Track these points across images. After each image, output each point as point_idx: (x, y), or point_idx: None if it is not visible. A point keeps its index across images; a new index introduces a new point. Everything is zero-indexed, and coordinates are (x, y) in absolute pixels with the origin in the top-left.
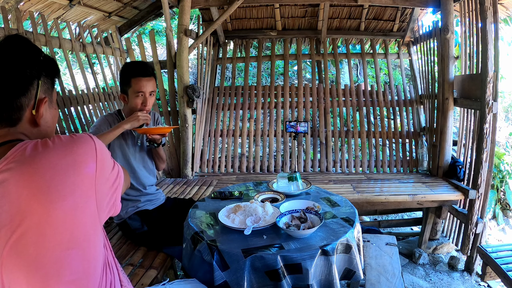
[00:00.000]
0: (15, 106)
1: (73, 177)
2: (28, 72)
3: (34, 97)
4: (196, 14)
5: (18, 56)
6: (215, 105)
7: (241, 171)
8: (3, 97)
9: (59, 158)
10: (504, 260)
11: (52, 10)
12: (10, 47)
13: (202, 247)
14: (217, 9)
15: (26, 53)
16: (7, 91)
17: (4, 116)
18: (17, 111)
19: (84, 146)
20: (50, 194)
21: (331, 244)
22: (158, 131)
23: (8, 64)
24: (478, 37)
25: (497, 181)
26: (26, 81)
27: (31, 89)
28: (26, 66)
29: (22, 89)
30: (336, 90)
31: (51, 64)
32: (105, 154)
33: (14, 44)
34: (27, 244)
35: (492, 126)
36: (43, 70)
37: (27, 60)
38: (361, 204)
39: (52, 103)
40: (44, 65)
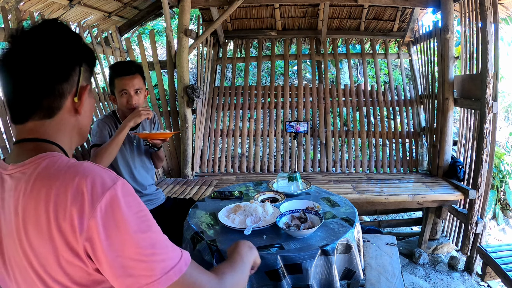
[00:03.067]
0: (57, 92)
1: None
2: (71, 57)
3: (76, 84)
4: (196, 14)
5: (59, 40)
6: (215, 105)
7: (241, 171)
8: (44, 82)
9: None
10: (504, 260)
11: (52, 10)
12: (50, 30)
13: (202, 247)
14: (217, 9)
15: (67, 37)
16: (48, 76)
17: (44, 105)
18: (58, 99)
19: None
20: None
21: (331, 244)
22: (159, 136)
23: (49, 47)
24: (478, 37)
25: (497, 181)
26: (68, 67)
27: (73, 75)
28: (68, 50)
29: (64, 74)
30: (336, 90)
31: (90, 52)
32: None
33: (54, 27)
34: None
35: (492, 126)
36: (84, 56)
37: (69, 44)
38: (361, 204)
39: (91, 92)
40: (84, 51)
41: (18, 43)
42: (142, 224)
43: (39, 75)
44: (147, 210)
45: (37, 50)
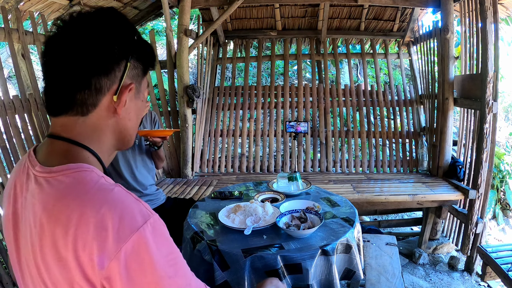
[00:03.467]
0: (94, 87)
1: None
2: (117, 49)
3: (119, 81)
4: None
5: (107, 28)
6: (215, 105)
7: (241, 171)
8: (78, 73)
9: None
10: (504, 260)
11: (52, 10)
12: (100, 17)
13: (201, 246)
14: (217, 9)
15: (117, 27)
16: (85, 67)
17: (78, 99)
18: (95, 94)
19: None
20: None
21: (331, 244)
22: (159, 134)
23: (93, 36)
24: (478, 37)
25: (497, 181)
26: (111, 59)
27: (116, 70)
28: (114, 41)
29: (106, 67)
30: (336, 90)
31: (145, 48)
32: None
33: (106, 15)
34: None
35: (492, 126)
36: (134, 52)
37: (117, 35)
38: (361, 204)
39: (140, 94)
40: (137, 46)
41: (63, 27)
42: (169, 268)
43: (75, 65)
44: (177, 251)
45: (79, 37)
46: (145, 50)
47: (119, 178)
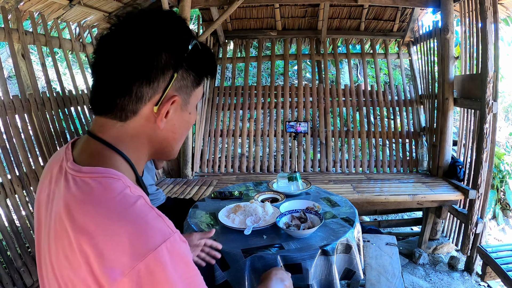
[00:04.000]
0: (135, 94)
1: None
2: (164, 57)
3: (162, 91)
4: (196, 14)
5: (158, 33)
6: (215, 105)
7: (241, 171)
8: (122, 79)
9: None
10: (504, 260)
11: (52, 10)
12: (154, 21)
13: None
14: (217, 9)
15: (169, 33)
16: (129, 73)
17: (118, 104)
18: (136, 102)
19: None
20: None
21: (331, 244)
22: None
23: (142, 40)
24: (478, 37)
25: (497, 181)
26: (156, 68)
27: (160, 80)
28: (163, 49)
29: (149, 76)
30: (336, 90)
31: (202, 58)
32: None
33: (161, 18)
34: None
35: (492, 126)
36: (186, 61)
37: (168, 42)
38: (361, 204)
39: (188, 106)
40: (190, 56)
41: (116, 26)
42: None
43: (118, 69)
44: (194, 269)
45: (127, 39)
46: (201, 60)
47: None
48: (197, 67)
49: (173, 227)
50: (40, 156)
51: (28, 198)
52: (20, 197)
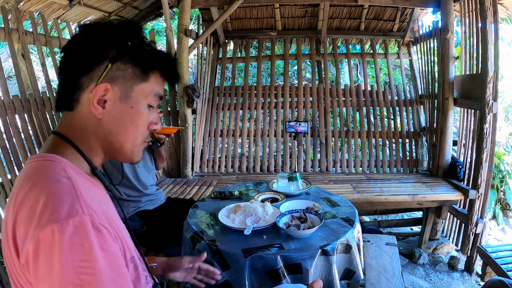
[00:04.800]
0: (77, 84)
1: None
2: (99, 49)
3: (97, 80)
4: (196, 14)
5: (97, 32)
6: (215, 105)
7: (241, 171)
8: (68, 72)
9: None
10: (504, 260)
11: (52, 10)
12: (98, 25)
13: (201, 246)
14: (217, 9)
15: (107, 31)
16: (72, 66)
17: (65, 94)
18: (77, 90)
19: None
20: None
21: (331, 244)
22: (164, 131)
23: (85, 38)
24: (478, 37)
25: (497, 181)
26: (93, 60)
27: (96, 70)
28: (99, 42)
29: (86, 66)
30: (336, 90)
31: (144, 53)
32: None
33: (107, 23)
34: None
35: (492, 126)
36: (125, 55)
37: (105, 37)
38: (361, 204)
39: (129, 100)
40: (130, 50)
41: (73, 36)
42: (76, 276)
43: (66, 64)
44: (97, 264)
45: (72, 42)
46: (139, 53)
47: (122, 177)
48: (136, 61)
49: (90, 211)
50: None
51: None
52: None
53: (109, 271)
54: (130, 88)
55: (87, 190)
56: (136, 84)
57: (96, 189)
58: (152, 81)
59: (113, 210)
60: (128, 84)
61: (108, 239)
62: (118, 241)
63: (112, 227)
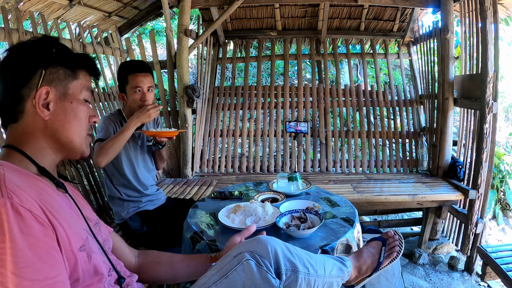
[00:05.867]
0: (16, 97)
1: None
2: (30, 61)
3: (36, 87)
4: (196, 14)
5: (24, 48)
6: (215, 105)
7: (241, 171)
8: (6, 88)
9: None
10: (504, 260)
11: (52, 10)
12: (24, 43)
13: (201, 246)
14: (217, 9)
15: (33, 44)
16: (9, 81)
17: (9, 109)
18: (18, 103)
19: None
20: None
21: (331, 244)
22: (166, 135)
23: (14, 56)
24: (478, 37)
25: (497, 181)
26: (27, 71)
27: (33, 78)
28: (29, 55)
29: (23, 78)
30: (336, 90)
31: (69, 55)
32: None
33: (26, 42)
34: None
35: (492, 126)
36: (54, 60)
37: (32, 50)
38: (361, 204)
39: (67, 97)
40: (57, 56)
41: (1, 63)
42: None
43: (3, 82)
44: (11, 244)
45: (5, 60)
46: (69, 57)
47: (121, 177)
48: (64, 63)
49: (10, 195)
50: None
51: None
52: None
53: (27, 253)
54: (65, 86)
55: (18, 180)
56: (70, 82)
57: (38, 183)
58: (82, 78)
59: (56, 201)
60: (63, 83)
61: (31, 222)
62: (49, 226)
63: (43, 212)
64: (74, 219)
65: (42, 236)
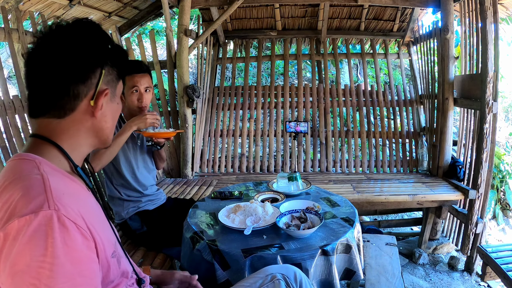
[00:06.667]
0: (72, 93)
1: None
2: (92, 58)
3: (95, 87)
4: (196, 14)
5: (83, 40)
6: (215, 105)
7: (241, 171)
8: (59, 82)
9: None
10: (504, 260)
11: (52, 10)
12: (76, 30)
13: (201, 246)
14: (217, 9)
15: (92, 38)
16: (65, 77)
17: (57, 105)
18: (73, 100)
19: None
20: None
21: (331, 244)
22: (164, 135)
23: (71, 47)
24: (478, 37)
25: (497, 181)
26: (87, 68)
27: (92, 77)
28: (90, 51)
29: (82, 76)
30: (336, 90)
31: (120, 54)
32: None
33: (81, 27)
34: None
35: (492, 126)
36: (109, 59)
37: (92, 45)
38: (361, 204)
39: (115, 97)
40: (111, 54)
41: (43, 39)
42: (33, 270)
43: (55, 75)
44: (58, 260)
45: (57, 49)
46: (120, 57)
47: (120, 178)
48: (117, 63)
49: (58, 206)
50: None
51: None
52: None
53: (68, 267)
54: (115, 88)
55: (61, 185)
56: (117, 84)
57: (74, 184)
58: (125, 79)
59: (91, 206)
60: (114, 85)
61: (75, 235)
62: (90, 238)
63: (85, 223)
64: (104, 222)
65: (84, 249)
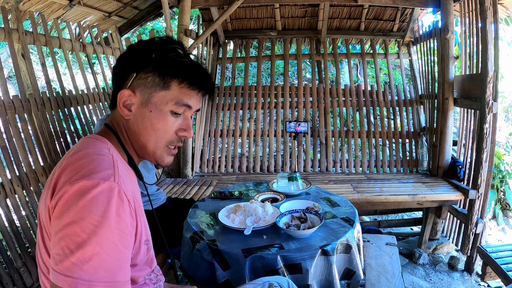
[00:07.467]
0: (117, 89)
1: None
2: (130, 62)
3: (125, 87)
4: (196, 14)
5: (134, 48)
6: (215, 105)
7: (241, 171)
8: (114, 80)
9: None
10: (504, 260)
11: (52, 10)
12: (140, 42)
13: (201, 246)
14: (217, 9)
15: (135, 50)
16: (117, 77)
17: (112, 99)
18: (115, 95)
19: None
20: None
21: (331, 244)
22: None
23: (127, 53)
24: (478, 37)
25: (497, 181)
26: (126, 70)
27: (127, 78)
28: (128, 60)
29: (123, 77)
30: (336, 90)
31: (168, 63)
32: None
33: (146, 41)
34: None
35: (492, 126)
36: (148, 66)
37: (132, 56)
38: (361, 204)
39: (149, 105)
40: (153, 61)
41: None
42: (84, 224)
43: (113, 74)
44: (106, 222)
45: (119, 59)
46: (160, 65)
47: None
48: (157, 71)
49: (120, 182)
50: (40, 156)
51: (28, 198)
52: (20, 197)
53: (115, 235)
54: (150, 94)
55: (123, 170)
56: (156, 92)
57: (130, 174)
58: (175, 90)
59: (139, 196)
60: (148, 91)
61: (127, 210)
62: (135, 218)
63: (134, 205)
64: (143, 213)
65: (129, 224)
